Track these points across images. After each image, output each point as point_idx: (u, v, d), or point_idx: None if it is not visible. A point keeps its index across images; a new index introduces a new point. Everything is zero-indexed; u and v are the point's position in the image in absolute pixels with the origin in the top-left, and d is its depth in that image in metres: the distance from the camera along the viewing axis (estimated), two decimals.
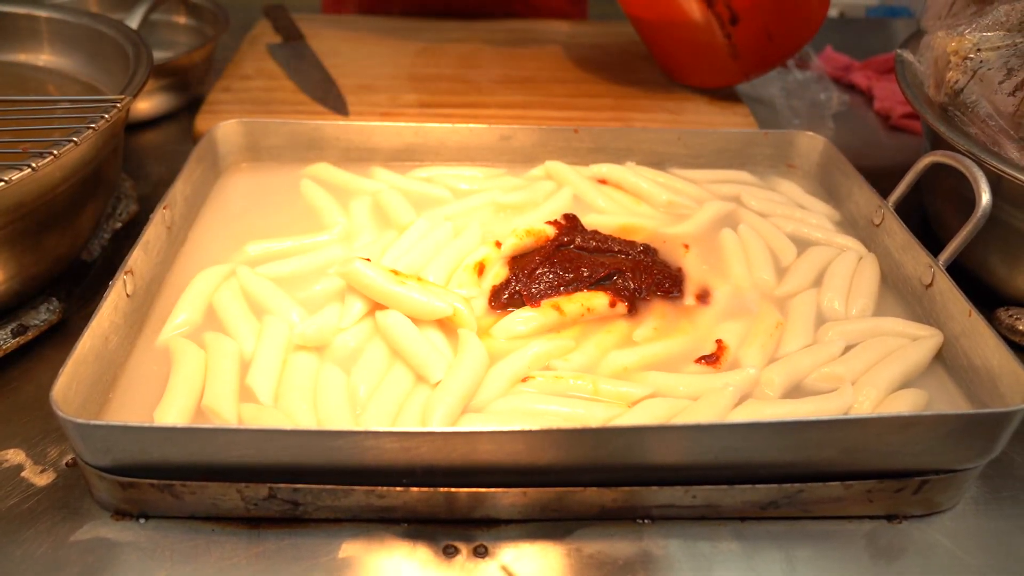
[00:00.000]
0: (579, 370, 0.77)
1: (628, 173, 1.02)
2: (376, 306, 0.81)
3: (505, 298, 0.84)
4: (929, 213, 1.08)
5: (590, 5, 1.76)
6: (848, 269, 0.91)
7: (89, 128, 0.78)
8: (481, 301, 0.84)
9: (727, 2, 1.15)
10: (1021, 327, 0.93)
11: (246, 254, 0.90)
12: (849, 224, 1.01)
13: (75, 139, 0.76)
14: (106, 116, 0.80)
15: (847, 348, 0.81)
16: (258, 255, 0.90)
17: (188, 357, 0.75)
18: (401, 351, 0.76)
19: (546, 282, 0.84)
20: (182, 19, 1.47)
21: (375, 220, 0.96)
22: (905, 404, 0.74)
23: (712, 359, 0.80)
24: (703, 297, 0.88)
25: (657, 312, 0.85)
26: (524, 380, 0.75)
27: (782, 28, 1.23)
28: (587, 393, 0.75)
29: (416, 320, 0.79)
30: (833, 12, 2.84)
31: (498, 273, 0.87)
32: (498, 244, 0.90)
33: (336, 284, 0.85)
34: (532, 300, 0.83)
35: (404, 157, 1.06)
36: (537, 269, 0.85)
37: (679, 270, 0.90)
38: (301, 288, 0.86)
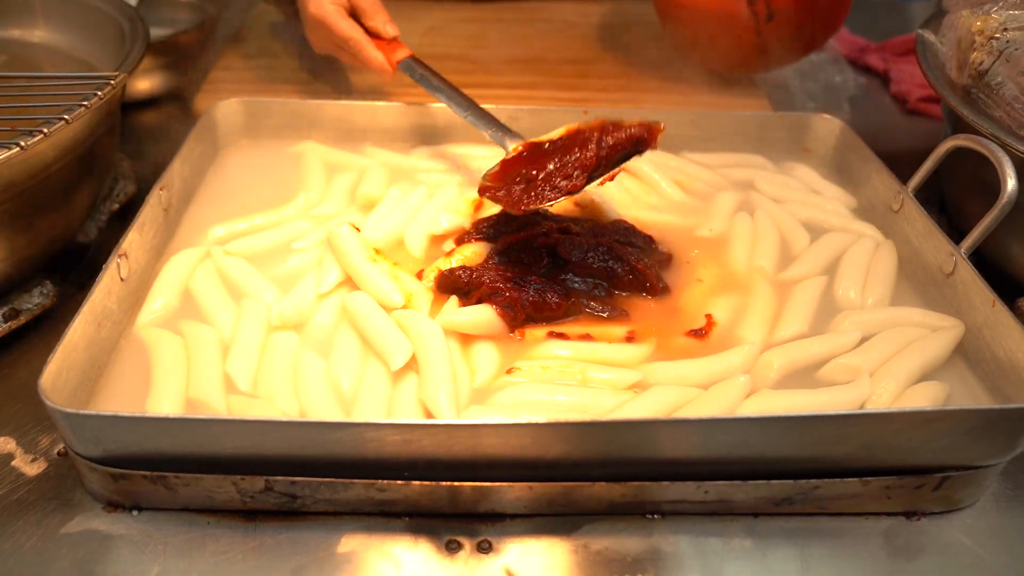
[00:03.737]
0: (564, 360, 0.75)
1: (645, 163, 0.99)
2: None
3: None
4: (948, 200, 1.05)
5: None
6: (865, 257, 0.88)
7: (81, 106, 0.76)
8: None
9: (768, 1, 1.12)
10: None
11: (213, 235, 0.88)
12: (866, 210, 0.98)
13: (66, 117, 0.74)
14: (99, 93, 0.78)
15: (864, 339, 0.78)
16: (225, 235, 0.88)
17: (167, 347, 0.73)
18: (366, 336, 0.75)
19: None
20: None
21: (349, 195, 0.95)
22: (925, 398, 0.71)
23: (701, 333, 0.78)
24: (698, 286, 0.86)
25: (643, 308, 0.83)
26: (509, 372, 0.73)
27: (813, 25, 1.20)
28: (575, 382, 0.72)
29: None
30: None
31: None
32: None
33: (307, 259, 0.85)
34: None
35: (407, 137, 1.03)
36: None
37: (669, 257, 0.88)
38: (273, 265, 0.85)
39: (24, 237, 0.80)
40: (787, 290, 0.85)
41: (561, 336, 0.76)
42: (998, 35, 0.89)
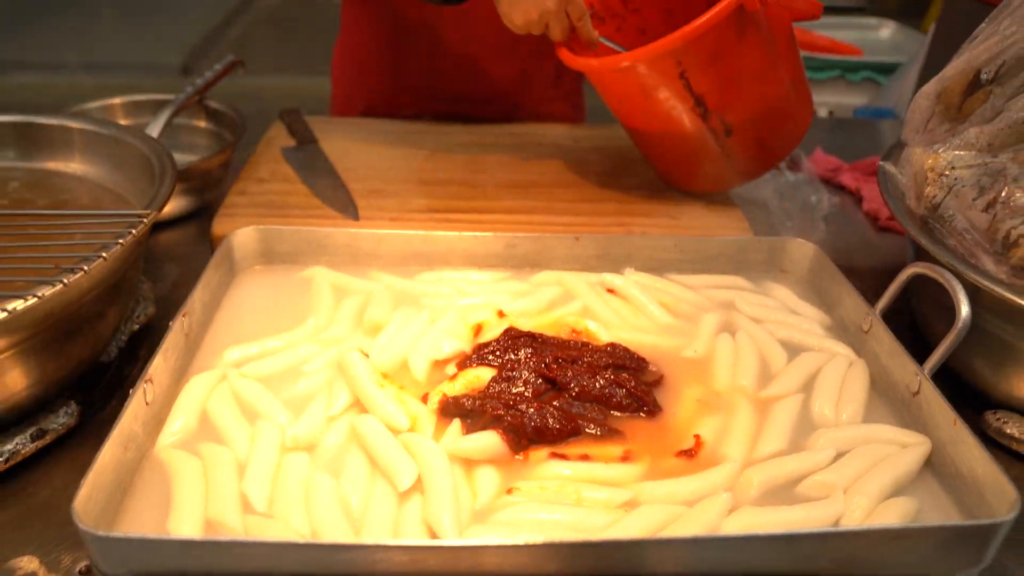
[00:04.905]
0: (562, 480, 0.80)
1: (633, 287, 1.07)
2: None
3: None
4: (917, 317, 1.12)
5: (587, 110, 1.84)
6: (838, 375, 0.95)
7: (117, 244, 0.83)
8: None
9: (721, 117, 1.22)
10: (1009, 431, 0.96)
11: (228, 358, 0.94)
12: (840, 329, 1.04)
13: (104, 255, 0.81)
14: (133, 231, 0.86)
15: (838, 455, 0.83)
16: (240, 358, 0.94)
17: (186, 468, 0.78)
18: (374, 458, 0.81)
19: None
20: (202, 123, 1.55)
21: (356, 318, 1.02)
22: (896, 513, 0.76)
23: (690, 454, 0.84)
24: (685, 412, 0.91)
25: (634, 428, 0.88)
26: (509, 492, 0.78)
27: (773, 137, 1.30)
28: (571, 501, 0.77)
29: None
30: (823, 112, 2.96)
31: (494, 334, 0.95)
32: (501, 313, 0.99)
33: (317, 381, 0.91)
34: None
35: (412, 262, 1.11)
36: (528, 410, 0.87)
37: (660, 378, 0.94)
38: (286, 387, 0.90)
39: (55, 362, 0.86)
40: (767, 407, 0.91)
41: (562, 456, 0.82)
42: (947, 172, 0.98)
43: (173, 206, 1.36)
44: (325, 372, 0.92)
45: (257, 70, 1.75)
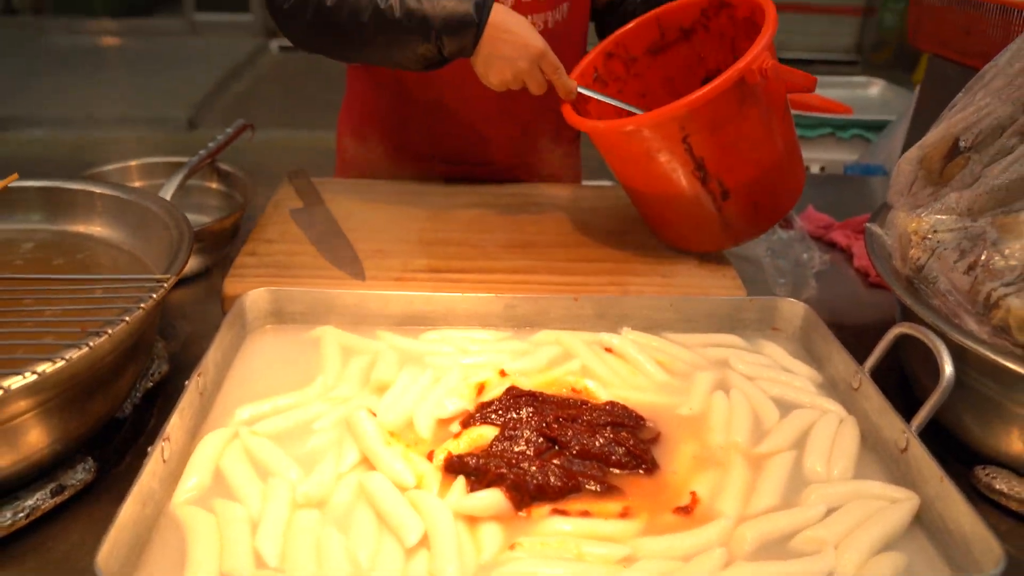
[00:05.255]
0: (564, 535, 0.83)
1: (630, 346, 1.11)
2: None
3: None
4: (906, 373, 1.16)
5: (584, 168, 1.91)
6: (830, 432, 0.98)
7: (139, 308, 0.87)
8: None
9: (719, 180, 1.27)
10: (998, 486, 0.99)
11: (240, 416, 0.97)
12: (830, 386, 1.08)
13: (127, 319, 0.85)
14: (154, 296, 0.90)
15: (830, 510, 0.86)
16: (251, 416, 0.98)
17: (201, 524, 0.81)
18: (381, 514, 0.84)
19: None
20: (214, 184, 1.61)
21: (364, 377, 1.05)
22: (886, 568, 0.79)
23: (687, 511, 0.86)
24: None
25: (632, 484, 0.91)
26: (512, 547, 0.81)
27: (768, 201, 1.36)
28: (572, 556, 0.80)
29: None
30: (815, 168, 3.04)
31: (496, 392, 0.99)
32: (503, 372, 1.02)
33: (326, 439, 0.94)
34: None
35: (416, 321, 1.15)
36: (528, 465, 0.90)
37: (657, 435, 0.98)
38: (296, 444, 0.94)
39: (77, 420, 0.90)
40: (761, 463, 0.94)
41: (563, 513, 0.85)
42: (929, 236, 1.03)
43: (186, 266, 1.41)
44: (334, 430, 0.95)
45: (261, 124, 1.82)
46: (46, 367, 0.78)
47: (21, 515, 0.86)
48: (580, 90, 1.33)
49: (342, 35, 1.30)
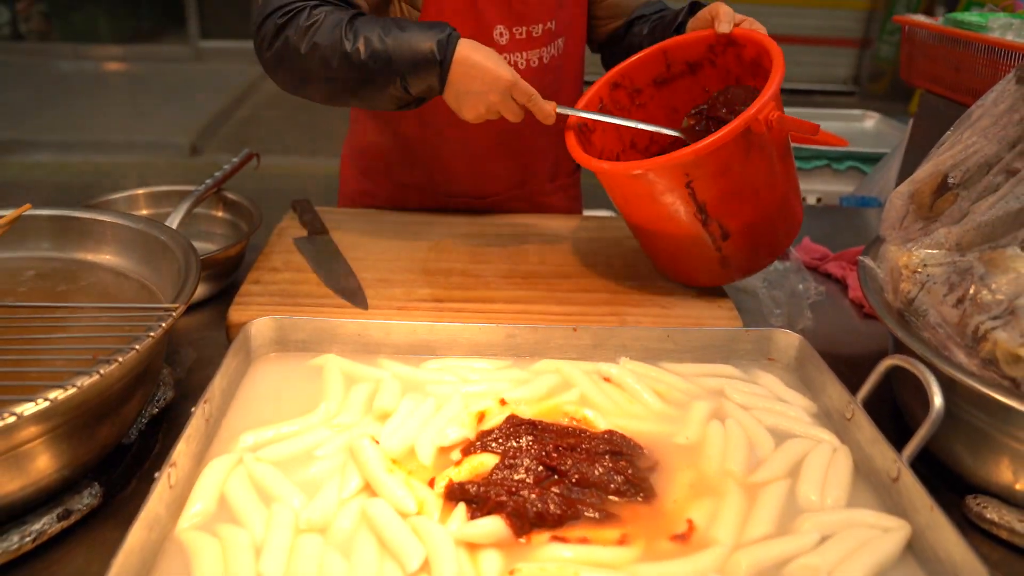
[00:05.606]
0: (563, 562, 0.84)
1: (628, 375, 1.13)
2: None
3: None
4: (899, 402, 1.18)
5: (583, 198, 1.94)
6: (823, 461, 1.00)
7: (148, 336, 0.90)
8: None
9: (720, 222, 1.30)
10: (989, 515, 1.00)
11: (244, 442, 0.99)
12: (824, 416, 1.10)
13: (137, 347, 0.87)
14: (163, 324, 0.92)
15: (823, 538, 0.88)
16: (255, 443, 0.99)
17: (206, 550, 0.83)
18: (383, 540, 0.85)
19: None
20: (219, 213, 1.64)
21: (366, 405, 1.07)
22: None
23: (683, 538, 0.88)
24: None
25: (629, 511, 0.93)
26: (511, 573, 0.82)
27: (767, 241, 1.39)
28: None
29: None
30: (812, 199, 3.08)
31: (496, 421, 1.01)
32: (503, 401, 1.04)
33: (329, 465, 0.96)
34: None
35: (418, 351, 1.17)
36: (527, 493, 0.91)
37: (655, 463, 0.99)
38: (299, 471, 0.95)
39: (85, 446, 0.92)
40: (755, 491, 0.96)
41: (562, 539, 0.86)
42: (919, 270, 1.06)
43: None
44: (337, 457, 0.97)
45: (264, 151, 1.85)
46: (57, 394, 0.80)
47: (28, 539, 0.87)
48: (559, 110, 1.34)
49: (318, 81, 1.31)
